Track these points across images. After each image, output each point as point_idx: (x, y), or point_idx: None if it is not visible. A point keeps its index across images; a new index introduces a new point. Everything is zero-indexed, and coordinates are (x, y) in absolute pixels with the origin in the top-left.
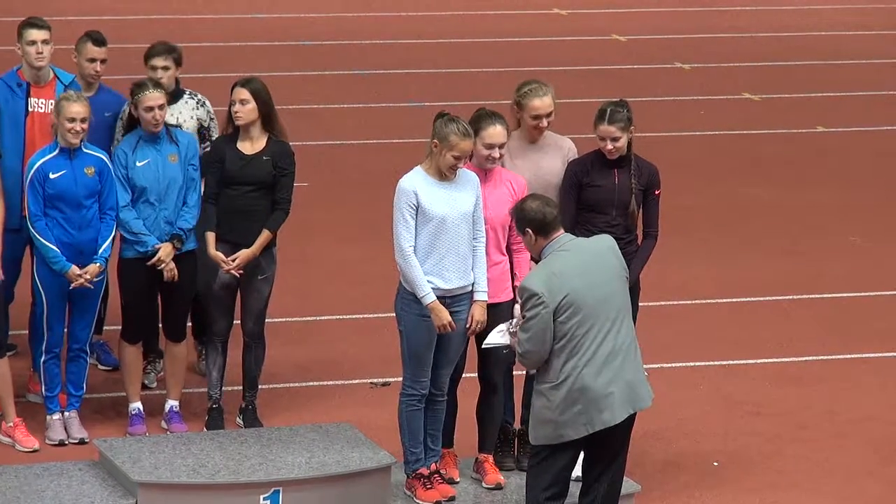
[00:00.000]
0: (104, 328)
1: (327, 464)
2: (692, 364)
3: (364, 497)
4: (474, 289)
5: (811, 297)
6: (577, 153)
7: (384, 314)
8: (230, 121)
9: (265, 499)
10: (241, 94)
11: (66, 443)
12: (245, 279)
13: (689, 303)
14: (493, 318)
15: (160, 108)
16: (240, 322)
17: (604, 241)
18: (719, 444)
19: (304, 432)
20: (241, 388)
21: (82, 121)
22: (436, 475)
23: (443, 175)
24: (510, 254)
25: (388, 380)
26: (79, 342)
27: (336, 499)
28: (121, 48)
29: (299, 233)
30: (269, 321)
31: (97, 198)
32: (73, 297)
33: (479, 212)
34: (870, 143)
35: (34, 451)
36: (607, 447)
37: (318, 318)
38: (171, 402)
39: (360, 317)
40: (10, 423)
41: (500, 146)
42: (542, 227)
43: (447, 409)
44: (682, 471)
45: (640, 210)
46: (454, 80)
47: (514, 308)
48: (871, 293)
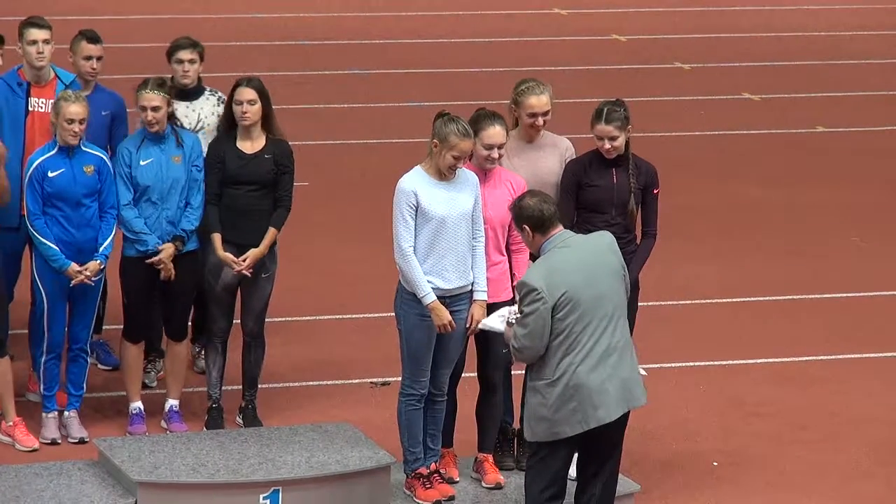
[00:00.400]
0: (104, 327)
1: (327, 463)
2: (692, 364)
3: (364, 496)
4: (474, 288)
5: (812, 297)
6: (574, 153)
7: (384, 314)
8: (228, 121)
9: (265, 498)
10: (248, 95)
11: (60, 442)
12: (248, 278)
13: (688, 303)
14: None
15: (155, 108)
16: (240, 321)
17: (603, 238)
18: (719, 444)
19: (303, 432)
20: (241, 387)
21: (81, 122)
22: (435, 475)
23: (442, 175)
24: (509, 254)
25: (387, 379)
26: (79, 342)
27: (336, 498)
28: (120, 48)
29: (299, 232)
30: (268, 321)
31: (96, 196)
32: (72, 297)
33: (478, 212)
34: (870, 143)
35: (34, 450)
36: (602, 445)
37: (318, 317)
38: (171, 402)
39: (360, 316)
40: (10, 423)
41: (500, 146)
42: (539, 224)
43: (447, 408)
44: (682, 471)
45: (639, 209)
46: (454, 80)
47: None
48: (871, 293)
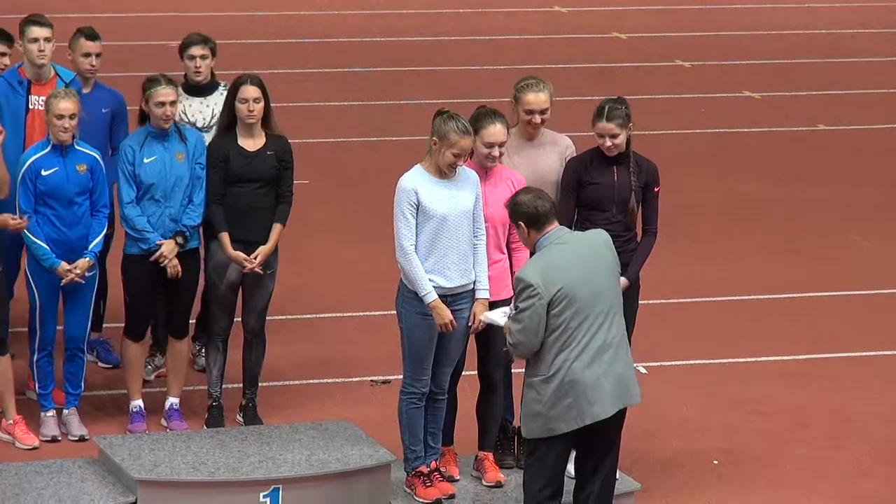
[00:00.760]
0: (104, 325)
1: (327, 461)
2: (693, 362)
3: (364, 495)
4: (476, 287)
5: (812, 295)
6: (575, 151)
7: (385, 312)
8: (228, 118)
9: (265, 496)
10: (254, 93)
11: (60, 439)
12: (252, 276)
13: (689, 301)
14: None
15: (171, 103)
16: (241, 319)
17: (599, 235)
18: (719, 442)
19: (304, 430)
20: (241, 385)
21: (71, 117)
22: (436, 473)
23: (443, 173)
24: (510, 252)
25: (388, 378)
26: (75, 341)
27: (336, 496)
28: (120, 45)
29: (300, 230)
30: (269, 319)
31: (88, 195)
32: (66, 295)
33: (479, 210)
34: (871, 141)
35: (34, 448)
36: (599, 442)
37: (319, 315)
38: (172, 400)
39: (361, 314)
40: (10, 421)
41: (500, 145)
42: (534, 221)
43: (447, 406)
44: (683, 469)
45: (640, 207)
46: (454, 78)
47: None
48: (872, 291)
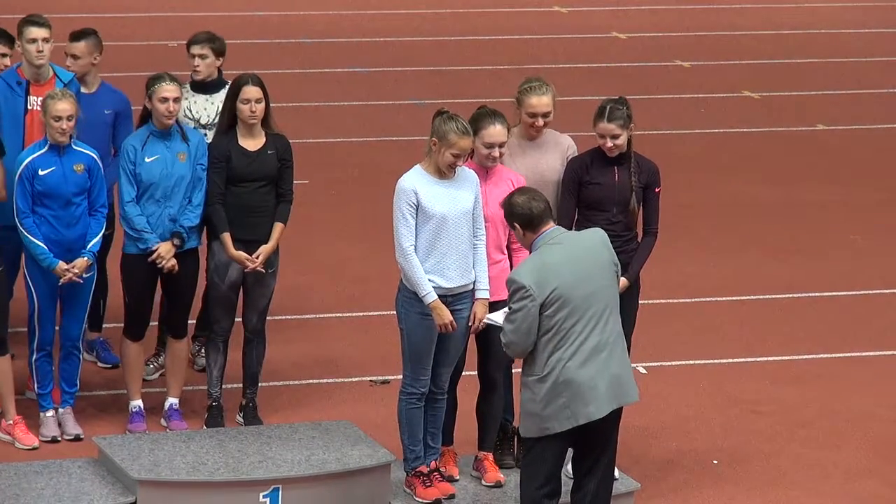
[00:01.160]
0: (104, 325)
1: (327, 461)
2: (692, 362)
3: (363, 495)
4: (476, 287)
5: (811, 295)
6: (576, 151)
7: (384, 312)
8: (228, 118)
9: (265, 496)
10: (256, 93)
11: (60, 440)
12: (252, 275)
13: (688, 301)
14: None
15: (175, 100)
16: (241, 319)
17: (595, 234)
18: (719, 442)
19: (303, 430)
20: (241, 385)
21: (69, 118)
22: (435, 473)
23: (442, 173)
24: (510, 252)
25: (387, 378)
26: (71, 339)
27: (335, 496)
28: (121, 46)
29: (299, 230)
30: (268, 319)
31: (86, 195)
32: (63, 295)
33: (479, 210)
34: (870, 142)
35: (34, 448)
36: (595, 442)
37: (318, 315)
38: (172, 400)
39: (360, 314)
40: (10, 421)
41: (501, 145)
42: (528, 222)
43: (447, 406)
44: (682, 469)
45: (641, 208)
46: (454, 78)
47: None
48: (871, 291)
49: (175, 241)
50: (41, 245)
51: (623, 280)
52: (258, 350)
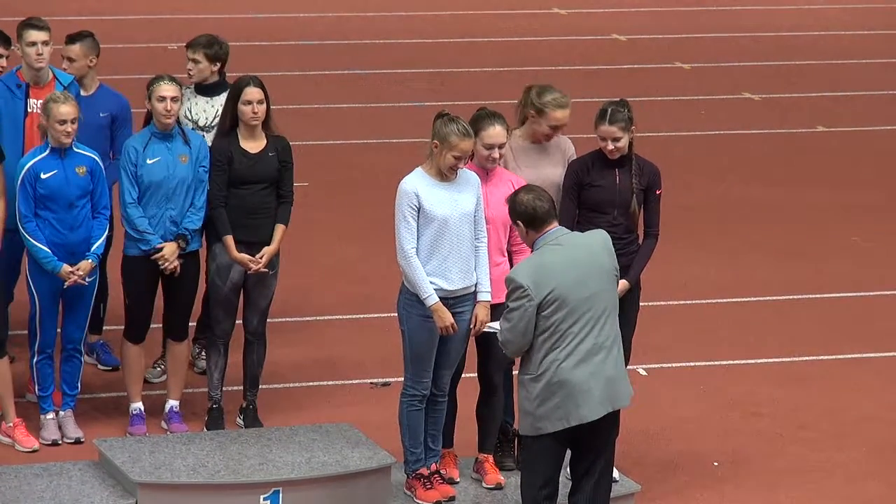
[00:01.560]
0: (104, 328)
1: (327, 464)
2: (692, 364)
3: (364, 497)
4: (478, 289)
5: (812, 297)
6: (574, 152)
7: (384, 314)
8: (230, 120)
9: (265, 499)
10: (257, 95)
11: (60, 442)
12: (255, 276)
13: (689, 303)
14: (494, 318)
15: (173, 99)
16: (242, 321)
17: (597, 236)
18: (719, 444)
19: (303, 432)
20: (242, 388)
21: (72, 121)
22: (436, 475)
23: (444, 176)
24: (510, 254)
25: (388, 380)
26: (72, 342)
27: (336, 499)
28: (121, 48)
29: (299, 232)
30: (269, 321)
31: (89, 198)
32: (66, 297)
33: (480, 212)
34: (871, 143)
35: (34, 451)
36: (591, 444)
37: (318, 317)
38: (172, 402)
39: (360, 317)
40: (10, 424)
41: (500, 146)
42: (531, 221)
43: (447, 409)
44: (683, 471)
45: (642, 210)
46: (454, 80)
47: None
48: (871, 293)
49: (180, 242)
50: (44, 249)
51: (623, 282)
52: (259, 352)
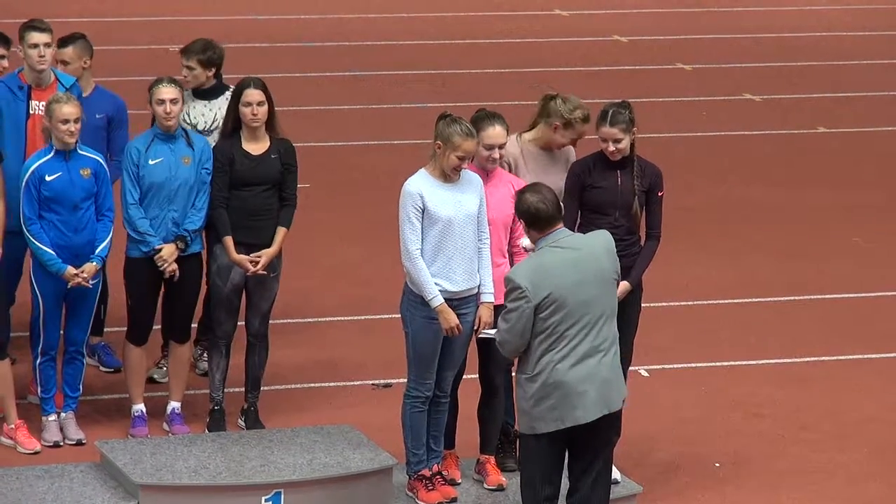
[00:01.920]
0: (105, 329)
1: (329, 465)
2: (694, 365)
3: (365, 498)
4: (481, 290)
5: (813, 297)
6: (574, 155)
7: (386, 315)
8: (232, 122)
9: (266, 500)
10: (258, 96)
11: (62, 444)
12: (256, 278)
13: (690, 304)
14: (496, 319)
15: (172, 102)
16: (244, 322)
17: (599, 238)
18: (721, 445)
19: (305, 434)
20: (243, 389)
21: (75, 121)
22: (437, 476)
23: (447, 177)
24: (511, 256)
25: (389, 381)
26: (75, 344)
27: (337, 500)
28: (122, 50)
29: (300, 234)
30: (271, 322)
31: (93, 200)
32: (69, 300)
33: (483, 213)
34: (871, 144)
35: (35, 452)
36: (588, 445)
37: (320, 319)
38: (174, 404)
39: (362, 318)
40: (12, 425)
41: (500, 146)
42: (534, 221)
43: (448, 410)
44: (684, 472)
45: (644, 211)
46: (456, 81)
47: None
48: (873, 294)
49: (179, 244)
50: (49, 251)
51: (624, 284)
52: (261, 354)
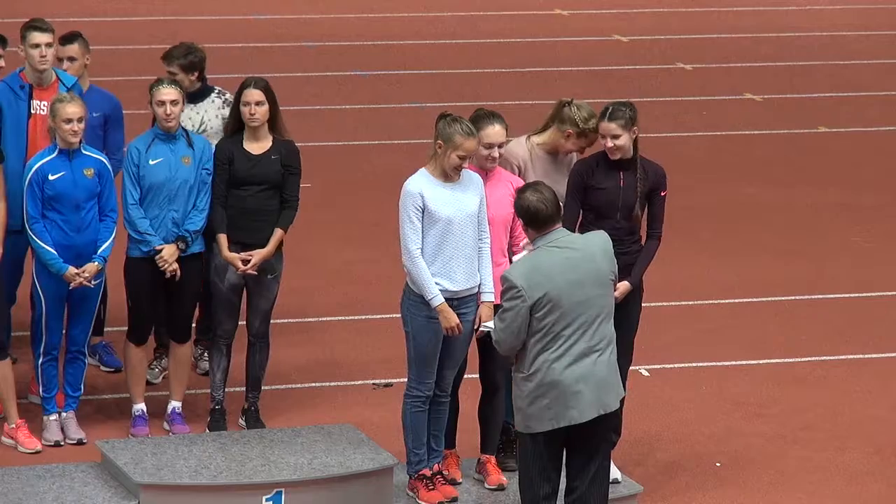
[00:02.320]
0: (106, 329)
1: (329, 465)
2: (694, 365)
3: (366, 498)
4: (481, 289)
5: (813, 297)
6: (574, 158)
7: (387, 315)
8: (234, 122)
9: (267, 500)
10: (256, 96)
11: (63, 444)
12: (254, 279)
13: (690, 303)
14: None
15: (172, 103)
16: (245, 322)
17: (597, 238)
18: (721, 444)
19: (306, 433)
20: (244, 389)
21: (79, 120)
22: (438, 476)
23: (448, 176)
24: (511, 255)
25: (390, 381)
26: (77, 344)
27: (338, 500)
28: (122, 49)
29: (301, 234)
30: (272, 322)
31: (96, 200)
32: (71, 300)
33: (483, 212)
34: (872, 144)
35: (36, 452)
36: (584, 444)
37: (321, 318)
38: (174, 404)
39: (363, 318)
40: (13, 425)
41: (500, 146)
42: (532, 221)
43: (449, 409)
44: (685, 471)
45: (646, 211)
46: (456, 81)
47: None
48: (873, 294)
49: (179, 244)
50: (51, 250)
51: (624, 283)
52: (261, 354)
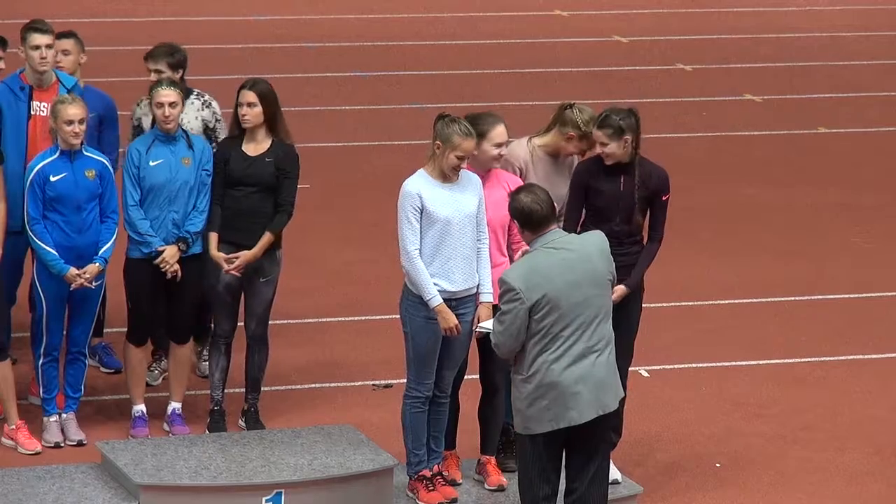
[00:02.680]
0: (105, 330)
1: (329, 466)
2: (694, 365)
3: (366, 499)
4: (480, 290)
5: (813, 298)
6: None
7: (386, 316)
8: (236, 122)
9: (267, 501)
10: (248, 98)
11: (63, 445)
12: (247, 281)
13: (690, 304)
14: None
15: (171, 105)
16: (243, 324)
17: (594, 238)
18: (721, 445)
19: (306, 434)
20: (244, 390)
21: (80, 122)
22: (438, 477)
23: (446, 177)
24: (511, 254)
25: (390, 381)
26: (77, 345)
27: (338, 501)
28: (121, 50)
29: (300, 234)
30: (270, 323)
31: (98, 201)
32: (72, 301)
33: (482, 213)
34: (871, 145)
35: (36, 453)
36: (583, 445)
37: (320, 319)
38: (174, 405)
39: (362, 318)
40: (13, 426)
41: (506, 144)
42: (527, 222)
43: (449, 410)
44: (684, 472)
45: (647, 214)
46: (455, 82)
47: None
48: (872, 294)
49: (180, 245)
50: (52, 251)
51: (621, 288)
52: (260, 356)
